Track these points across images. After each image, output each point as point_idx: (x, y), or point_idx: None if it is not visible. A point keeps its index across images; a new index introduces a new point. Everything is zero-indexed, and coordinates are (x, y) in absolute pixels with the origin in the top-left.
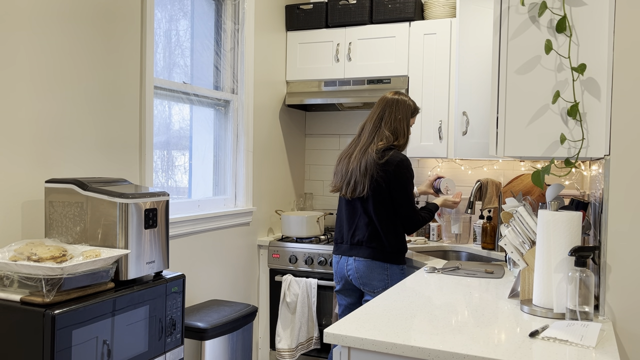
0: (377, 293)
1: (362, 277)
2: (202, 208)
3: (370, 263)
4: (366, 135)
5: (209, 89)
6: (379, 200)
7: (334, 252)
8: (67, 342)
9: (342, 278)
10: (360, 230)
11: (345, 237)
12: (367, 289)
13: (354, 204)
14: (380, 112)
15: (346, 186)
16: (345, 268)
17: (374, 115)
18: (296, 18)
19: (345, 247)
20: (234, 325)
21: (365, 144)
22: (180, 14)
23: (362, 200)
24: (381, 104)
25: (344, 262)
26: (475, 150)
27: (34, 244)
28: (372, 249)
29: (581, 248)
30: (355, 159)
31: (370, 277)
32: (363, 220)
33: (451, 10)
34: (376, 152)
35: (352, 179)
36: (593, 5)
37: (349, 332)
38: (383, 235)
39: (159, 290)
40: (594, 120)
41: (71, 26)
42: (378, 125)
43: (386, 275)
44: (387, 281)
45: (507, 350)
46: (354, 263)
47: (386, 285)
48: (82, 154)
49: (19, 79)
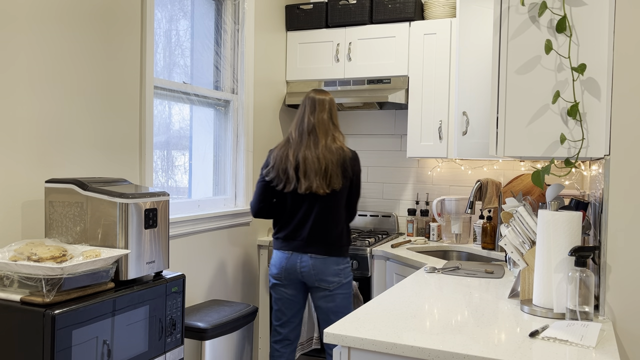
0: (331, 287)
1: (319, 274)
2: (202, 208)
3: (327, 259)
4: (322, 132)
5: (209, 89)
6: (341, 195)
7: (281, 248)
8: (67, 342)
9: (291, 274)
10: (318, 227)
11: (298, 233)
12: (322, 284)
13: (313, 200)
14: (329, 110)
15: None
16: (299, 265)
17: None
18: (296, 18)
19: (299, 243)
20: (234, 325)
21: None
22: (180, 14)
23: (322, 196)
24: (324, 103)
25: (296, 258)
26: (475, 150)
27: (34, 244)
28: (329, 245)
29: (581, 248)
30: (327, 154)
31: (326, 272)
32: (324, 216)
33: (451, 10)
34: (347, 149)
35: (327, 174)
36: (593, 5)
37: (349, 332)
38: (342, 230)
39: (159, 290)
40: (594, 120)
41: (71, 26)
42: (330, 123)
43: (340, 269)
44: (341, 275)
45: (507, 350)
46: (310, 260)
47: (340, 279)
48: (82, 154)
49: (19, 79)
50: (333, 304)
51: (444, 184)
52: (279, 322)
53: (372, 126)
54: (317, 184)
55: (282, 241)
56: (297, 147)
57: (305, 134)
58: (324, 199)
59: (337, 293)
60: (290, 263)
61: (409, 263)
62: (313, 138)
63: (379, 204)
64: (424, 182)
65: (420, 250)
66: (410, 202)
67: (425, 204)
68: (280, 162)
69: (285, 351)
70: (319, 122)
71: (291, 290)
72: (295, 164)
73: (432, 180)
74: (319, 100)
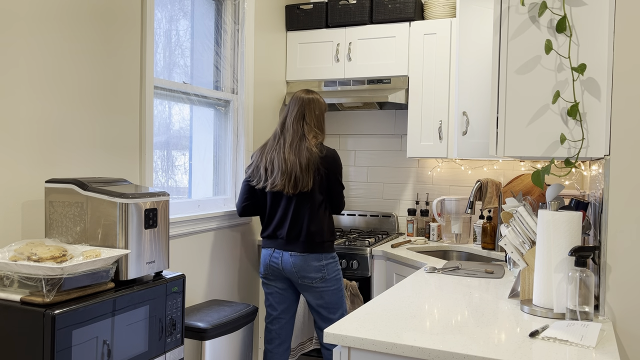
0: (314, 283)
1: (300, 271)
2: (202, 208)
3: (306, 257)
4: (291, 131)
5: (209, 89)
6: (320, 192)
7: (265, 245)
8: (67, 342)
9: (275, 270)
10: (296, 225)
11: (279, 232)
12: (305, 281)
13: (290, 199)
14: (300, 110)
15: (288, 183)
16: (281, 261)
17: (293, 113)
18: (296, 18)
19: (280, 242)
20: (234, 325)
21: (294, 140)
22: (180, 14)
23: (301, 195)
24: (297, 102)
25: (278, 255)
26: (475, 150)
27: (34, 244)
28: (308, 243)
29: (581, 248)
30: (291, 155)
31: (307, 269)
32: (299, 214)
33: (451, 10)
34: (316, 147)
35: (292, 175)
36: (593, 5)
37: (349, 332)
38: (319, 227)
39: (159, 290)
40: (594, 120)
41: (71, 26)
42: (302, 122)
43: (322, 265)
44: (323, 271)
45: (507, 350)
46: (290, 258)
47: (323, 275)
48: (82, 154)
49: (20, 79)
50: (322, 301)
51: (444, 184)
52: (269, 319)
53: (372, 126)
54: (282, 184)
55: (266, 239)
56: (269, 148)
57: (278, 134)
58: (300, 198)
59: (323, 289)
60: (273, 260)
61: (409, 263)
62: (282, 139)
63: (379, 204)
64: (424, 182)
65: (420, 250)
66: (410, 202)
67: (425, 204)
68: (256, 161)
69: (278, 351)
70: (291, 123)
71: (280, 284)
72: (265, 164)
73: (432, 180)
74: (295, 99)
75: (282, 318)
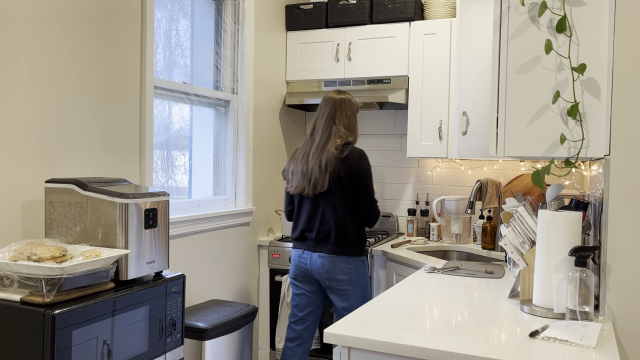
0: (341, 286)
1: (328, 272)
2: (202, 208)
3: (334, 258)
4: (320, 133)
5: (209, 89)
6: (341, 194)
7: (295, 247)
8: (67, 342)
9: (304, 271)
10: (323, 227)
11: (307, 233)
12: (332, 283)
13: (316, 201)
14: (331, 111)
15: (308, 184)
16: (309, 263)
17: (324, 114)
18: (296, 18)
19: (310, 243)
20: (234, 325)
21: (321, 141)
22: (180, 14)
23: (324, 196)
24: (329, 103)
25: (307, 256)
26: (475, 150)
27: (34, 244)
28: (336, 244)
29: (581, 248)
30: (314, 157)
31: (335, 271)
32: (326, 216)
33: (451, 10)
34: (335, 148)
35: (312, 176)
36: (593, 5)
37: (349, 332)
38: (347, 229)
39: (159, 290)
40: (594, 120)
41: (71, 27)
42: (331, 123)
43: (350, 268)
44: (351, 274)
45: (507, 350)
46: (318, 259)
47: (351, 278)
48: (82, 154)
49: (20, 79)
50: (347, 303)
51: (444, 184)
52: (294, 319)
53: (372, 126)
54: (303, 186)
55: (295, 241)
56: (299, 151)
57: (308, 137)
58: (323, 200)
59: (349, 292)
60: (302, 261)
61: (409, 263)
62: (311, 141)
63: (379, 204)
64: (424, 182)
65: (420, 250)
66: (410, 202)
67: (425, 204)
68: (286, 165)
69: (298, 350)
70: (321, 124)
71: (309, 287)
72: (292, 167)
73: (432, 180)
74: (327, 100)
75: (307, 320)
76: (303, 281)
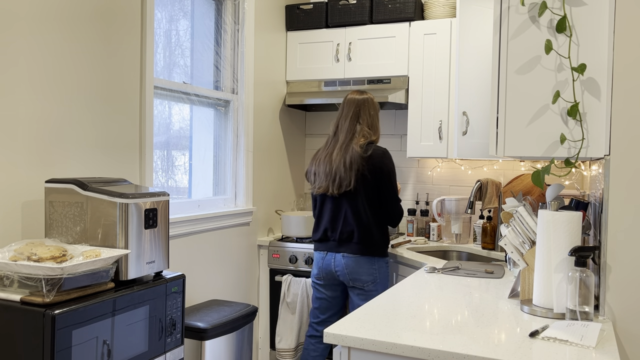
0: (366, 287)
1: (352, 273)
2: (202, 208)
3: (359, 258)
4: (344, 133)
5: (209, 89)
6: (366, 193)
7: (318, 249)
8: (67, 342)
9: (328, 273)
10: (347, 227)
11: (330, 234)
12: (356, 283)
13: (339, 201)
14: (355, 110)
15: (332, 184)
16: (333, 264)
17: (348, 114)
18: (296, 18)
19: (332, 244)
20: (234, 325)
21: (345, 140)
22: (180, 14)
23: (348, 195)
24: (352, 103)
25: (330, 258)
26: (475, 150)
27: (34, 244)
28: (360, 245)
29: (581, 248)
30: (338, 156)
31: (359, 272)
32: (350, 216)
33: (451, 10)
34: (360, 147)
35: (337, 175)
36: (593, 5)
37: (349, 332)
38: (370, 229)
39: (159, 290)
40: (594, 120)
41: (71, 27)
42: (355, 123)
43: (374, 269)
44: (375, 275)
45: (507, 350)
46: (342, 259)
47: (375, 278)
48: (82, 154)
49: (20, 79)
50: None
51: (444, 184)
52: (316, 320)
53: None
54: (327, 185)
55: (317, 242)
56: (320, 152)
57: (330, 137)
58: (347, 199)
59: (372, 292)
60: (326, 263)
61: (409, 263)
62: (334, 140)
63: None
64: (424, 182)
65: (420, 250)
66: (410, 202)
67: (425, 204)
68: (309, 167)
69: (319, 347)
70: (344, 124)
71: (330, 292)
72: (314, 168)
73: (432, 180)
74: (349, 100)
75: (329, 321)
76: (325, 285)
